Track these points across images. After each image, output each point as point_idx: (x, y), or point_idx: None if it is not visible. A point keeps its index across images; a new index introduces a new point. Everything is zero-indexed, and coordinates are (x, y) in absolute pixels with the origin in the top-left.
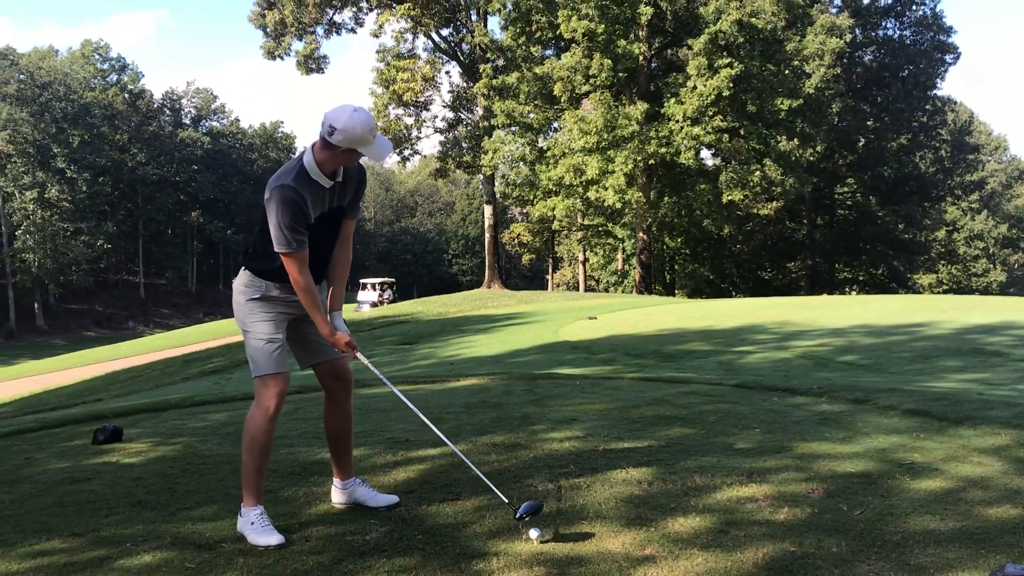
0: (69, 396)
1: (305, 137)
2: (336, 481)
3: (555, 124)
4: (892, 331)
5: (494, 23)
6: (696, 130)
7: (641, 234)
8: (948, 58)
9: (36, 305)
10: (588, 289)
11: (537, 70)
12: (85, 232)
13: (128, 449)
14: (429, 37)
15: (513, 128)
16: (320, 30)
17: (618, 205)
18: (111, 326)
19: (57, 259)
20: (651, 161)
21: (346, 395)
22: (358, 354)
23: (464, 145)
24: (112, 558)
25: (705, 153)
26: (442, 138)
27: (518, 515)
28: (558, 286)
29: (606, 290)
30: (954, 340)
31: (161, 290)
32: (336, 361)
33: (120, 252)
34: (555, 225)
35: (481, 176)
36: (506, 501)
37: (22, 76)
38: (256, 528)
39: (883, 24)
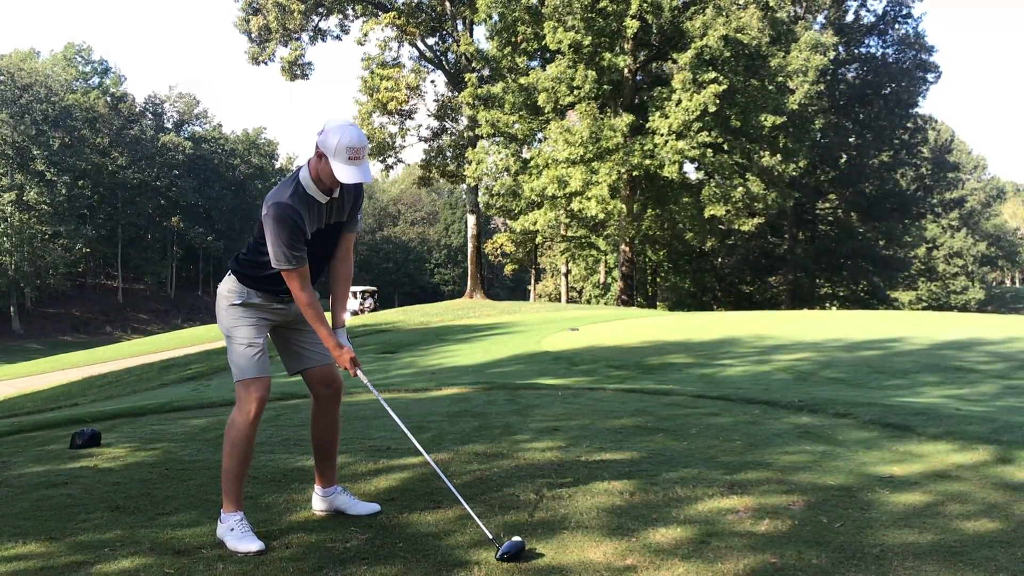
0: (45, 401)
1: (288, 144)
2: (317, 488)
3: (539, 135)
4: (872, 346)
5: (480, 33)
6: (681, 144)
7: (624, 246)
8: (930, 76)
9: (12, 309)
10: (570, 300)
11: (522, 80)
12: (63, 235)
13: (106, 454)
14: (414, 46)
15: (498, 138)
16: (305, 37)
17: (600, 216)
18: (88, 331)
19: (34, 262)
20: (635, 173)
21: (335, 402)
22: (359, 372)
23: (448, 154)
24: (89, 563)
25: (688, 167)
26: (426, 147)
27: (499, 555)
28: (540, 297)
29: (588, 302)
30: (932, 356)
31: (140, 295)
32: (325, 367)
33: (99, 256)
34: (538, 237)
35: (465, 186)
36: (490, 537)
37: (2, 77)
38: (236, 534)
39: (866, 42)
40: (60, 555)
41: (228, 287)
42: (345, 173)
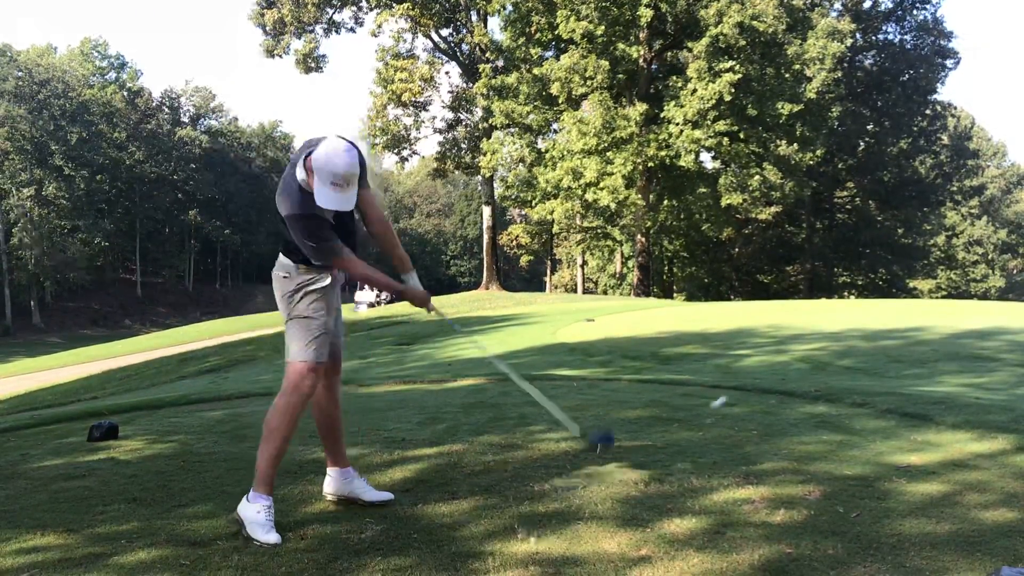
0: (65, 394)
1: (304, 137)
2: (331, 471)
3: (554, 126)
4: (889, 335)
5: (494, 23)
6: (696, 133)
7: (640, 237)
8: (948, 63)
9: (32, 303)
10: (586, 291)
11: (536, 71)
12: (82, 230)
13: (123, 446)
14: (428, 37)
15: (512, 129)
16: (319, 29)
17: (613, 206)
18: (107, 324)
19: (54, 256)
20: (650, 164)
21: (335, 373)
22: (433, 306)
23: (463, 146)
24: (107, 555)
25: (704, 156)
26: (441, 138)
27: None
28: (556, 288)
29: (604, 292)
30: (951, 345)
31: (158, 289)
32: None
33: (117, 250)
34: (554, 227)
35: (480, 177)
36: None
37: (20, 73)
38: (261, 519)
39: (884, 28)
40: (78, 547)
41: (295, 273)
42: (323, 197)
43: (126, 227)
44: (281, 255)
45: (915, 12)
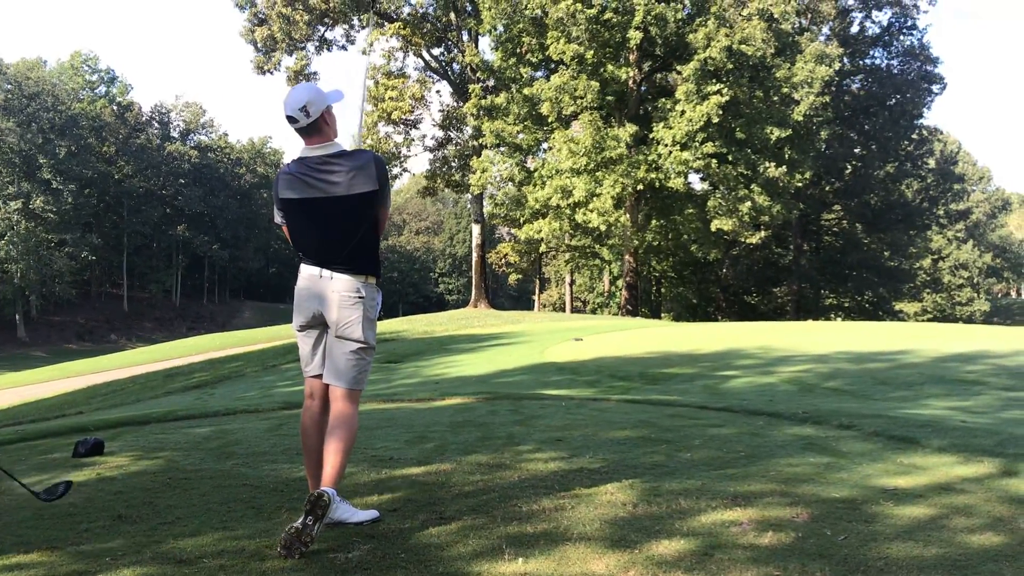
0: (49, 409)
1: (293, 154)
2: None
3: (544, 145)
4: (876, 358)
5: (485, 44)
6: (685, 155)
7: (628, 257)
8: (935, 88)
9: (17, 316)
10: (574, 310)
11: (526, 91)
12: (69, 244)
13: (109, 463)
14: (420, 56)
15: (502, 148)
16: (311, 46)
17: (603, 228)
18: (93, 339)
19: (40, 270)
20: (639, 187)
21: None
22: None
23: (453, 164)
24: (91, 572)
25: (693, 177)
26: (431, 156)
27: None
28: (544, 307)
29: (592, 312)
30: (937, 368)
31: (145, 304)
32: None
33: (104, 264)
34: (542, 247)
35: (469, 195)
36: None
37: (9, 86)
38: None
39: (871, 53)
40: (62, 564)
41: (372, 294)
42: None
43: (113, 241)
44: (351, 274)
45: (902, 37)
